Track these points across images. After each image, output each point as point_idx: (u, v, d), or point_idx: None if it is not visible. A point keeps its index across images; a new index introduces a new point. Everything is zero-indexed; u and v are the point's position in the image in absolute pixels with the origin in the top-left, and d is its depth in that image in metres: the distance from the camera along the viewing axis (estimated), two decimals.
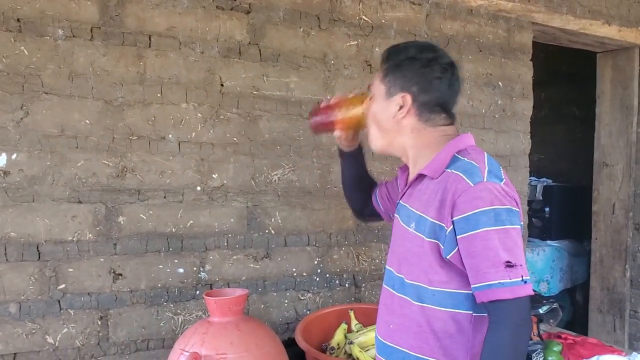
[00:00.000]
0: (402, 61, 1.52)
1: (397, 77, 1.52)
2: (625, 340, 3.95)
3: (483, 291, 1.31)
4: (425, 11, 2.87)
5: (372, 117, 1.59)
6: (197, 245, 2.35)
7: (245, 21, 2.42)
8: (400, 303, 1.50)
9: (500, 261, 1.29)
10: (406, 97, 1.50)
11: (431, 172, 1.46)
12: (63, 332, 2.14)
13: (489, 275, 1.30)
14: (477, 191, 1.33)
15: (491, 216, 1.31)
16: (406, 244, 1.49)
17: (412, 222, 1.47)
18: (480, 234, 1.31)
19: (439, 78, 1.50)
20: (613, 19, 3.44)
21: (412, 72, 1.50)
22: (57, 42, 2.10)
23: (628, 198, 3.91)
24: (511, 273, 1.29)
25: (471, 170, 1.37)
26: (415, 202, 1.49)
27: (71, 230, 2.15)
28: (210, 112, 2.36)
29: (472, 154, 1.45)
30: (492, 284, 1.29)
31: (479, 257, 1.31)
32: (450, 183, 1.38)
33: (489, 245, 1.30)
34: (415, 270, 1.45)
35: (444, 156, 1.46)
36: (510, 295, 1.28)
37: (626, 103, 3.90)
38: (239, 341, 1.82)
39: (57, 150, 2.11)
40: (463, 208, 1.34)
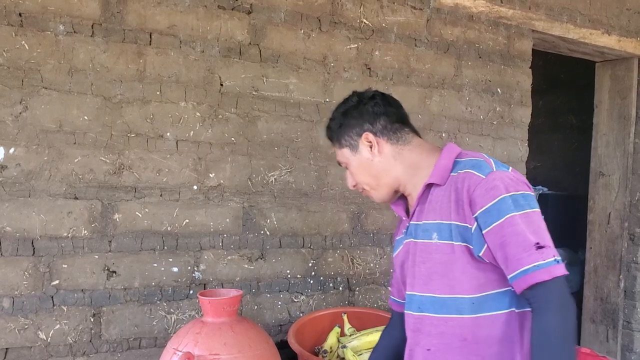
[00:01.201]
0: (340, 121, 1.60)
1: (347, 133, 1.58)
2: (618, 350, 3.95)
3: (521, 278, 1.29)
4: (426, 16, 2.88)
5: (359, 178, 1.61)
6: (192, 245, 2.35)
7: (246, 21, 2.42)
8: (434, 322, 1.46)
9: (531, 244, 1.28)
10: (367, 135, 1.55)
11: (438, 179, 1.46)
12: (55, 329, 2.13)
13: (523, 260, 1.28)
14: (490, 181, 1.35)
15: (510, 203, 1.31)
16: (433, 256, 1.45)
17: (434, 233, 1.45)
18: (505, 221, 1.31)
19: (374, 105, 1.57)
20: (613, 29, 3.45)
21: (353, 120, 1.57)
22: (58, 37, 2.10)
23: (624, 208, 3.92)
24: (543, 254, 1.27)
25: (479, 165, 1.40)
26: (430, 214, 1.47)
27: (66, 226, 2.14)
28: (209, 112, 2.36)
29: (470, 154, 1.48)
30: (528, 269, 1.27)
31: (509, 245, 1.30)
32: (460, 182, 1.40)
33: (516, 231, 1.30)
34: (449, 281, 1.42)
35: (445, 162, 1.48)
36: (548, 276, 1.26)
37: (624, 113, 3.91)
38: (232, 342, 1.82)
39: (55, 146, 2.11)
40: (481, 202, 1.34)
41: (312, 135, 2.59)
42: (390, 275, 2.73)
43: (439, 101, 2.94)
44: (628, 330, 3.95)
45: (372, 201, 2.69)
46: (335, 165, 2.64)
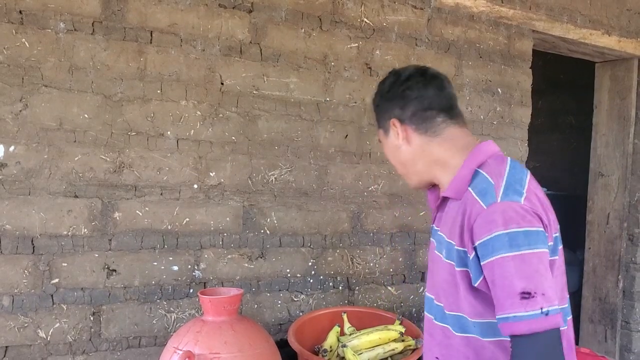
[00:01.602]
0: (378, 101, 1.56)
1: (382, 114, 1.54)
2: (617, 350, 3.96)
3: (502, 324, 1.21)
4: (426, 15, 2.88)
5: (391, 160, 1.58)
6: (192, 243, 2.34)
7: (247, 20, 2.42)
8: (444, 332, 1.42)
9: (515, 292, 1.17)
10: (394, 121, 1.48)
11: (454, 193, 1.39)
12: (55, 327, 2.13)
13: (505, 307, 1.19)
14: (490, 214, 1.24)
15: (505, 241, 1.20)
16: (441, 272, 1.41)
17: (443, 250, 1.40)
18: (496, 261, 1.21)
19: (407, 88, 1.47)
20: (613, 29, 3.46)
21: (385, 102, 1.52)
22: (59, 35, 2.10)
23: (623, 208, 3.92)
24: (527, 305, 1.16)
25: (485, 190, 1.29)
26: (444, 227, 1.42)
27: (66, 224, 2.14)
28: (209, 110, 2.35)
29: (492, 165, 1.36)
30: (509, 317, 1.18)
31: (497, 287, 1.21)
32: (467, 205, 1.31)
33: (504, 274, 1.20)
34: (454, 301, 1.37)
35: (465, 173, 1.38)
36: (526, 330, 1.16)
37: (623, 114, 3.91)
38: (232, 341, 1.82)
39: (55, 144, 2.11)
40: (479, 233, 1.25)
41: (312, 134, 2.59)
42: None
43: None
44: (626, 330, 3.96)
45: (372, 201, 2.72)
46: (335, 165, 2.65)
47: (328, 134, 2.64)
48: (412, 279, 2.91)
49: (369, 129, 2.74)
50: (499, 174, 1.32)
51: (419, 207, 2.91)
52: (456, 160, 1.42)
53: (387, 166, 2.80)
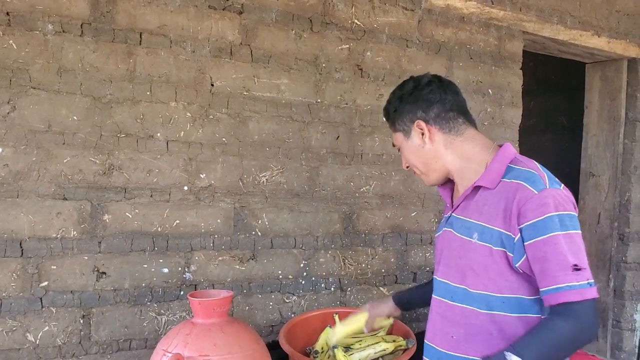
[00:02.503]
0: (396, 106, 1.64)
1: (402, 118, 1.62)
2: (608, 349, 3.97)
3: (552, 294, 1.36)
4: (417, 17, 2.88)
5: (411, 162, 1.67)
6: (183, 246, 2.33)
7: (237, 21, 2.41)
8: (464, 313, 1.53)
9: (568, 265, 1.34)
10: (419, 122, 1.58)
11: (489, 182, 1.50)
12: (44, 330, 2.11)
13: (558, 278, 1.34)
14: (542, 198, 1.38)
15: (556, 222, 1.36)
16: (470, 254, 1.51)
17: (475, 233, 1.50)
18: (549, 239, 1.36)
19: (429, 92, 1.59)
20: (603, 30, 3.47)
21: (408, 105, 1.61)
22: (47, 37, 2.08)
23: (613, 208, 3.94)
24: (578, 276, 1.33)
25: (533, 179, 1.42)
26: (474, 214, 1.52)
27: (55, 227, 2.12)
28: (199, 112, 2.34)
29: (525, 162, 1.51)
30: (561, 287, 1.34)
31: (548, 262, 1.36)
32: (512, 192, 1.43)
33: (557, 250, 1.35)
34: (483, 280, 1.48)
35: (498, 166, 1.51)
36: (579, 298, 1.33)
37: (614, 114, 3.93)
38: (222, 343, 1.80)
39: (44, 146, 2.09)
40: (530, 215, 1.38)
41: (303, 135, 2.59)
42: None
43: None
44: (617, 329, 3.98)
45: (364, 202, 2.72)
46: (327, 166, 2.64)
47: (319, 135, 2.63)
48: (404, 280, 2.90)
49: (360, 130, 2.74)
50: (537, 167, 1.47)
51: (411, 207, 2.92)
52: (482, 156, 1.56)
53: (379, 167, 2.80)
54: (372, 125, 2.77)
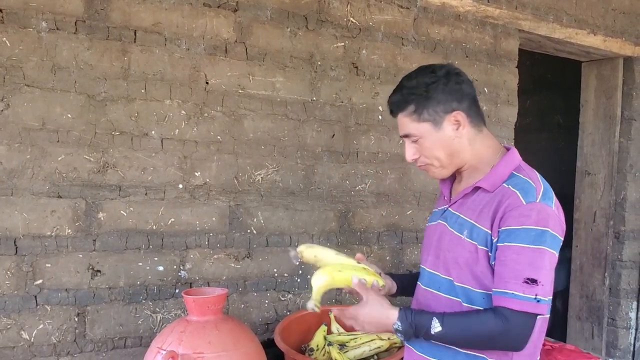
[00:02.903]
0: (426, 93, 1.51)
1: (434, 105, 1.51)
2: (603, 347, 3.98)
3: (498, 296, 1.41)
4: (413, 15, 2.88)
5: (431, 153, 1.57)
6: (178, 244, 2.33)
7: (232, 19, 2.41)
8: (449, 304, 1.55)
9: (522, 275, 1.37)
10: (458, 113, 1.52)
11: (490, 186, 1.51)
12: (39, 328, 2.11)
13: (508, 284, 1.39)
14: (527, 210, 1.40)
15: (532, 235, 1.39)
16: (457, 249, 1.53)
17: (465, 230, 1.52)
18: (515, 247, 1.39)
19: (462, 82, 1.54)
20: (599, 29, 3.47)
21: (442, 93, 1.51)
22: (41, 34, 2.08)
23: (609, 207, 3.94)
24: (527, 289, 1.37)
25: (527, 189, 1.44)
26: (468, 212, 1.54)
27: (50, 225, 2.12)
28: (194, 110, 2.34)
29: (527, 171, 1.52)
30: (507, 292, 1.39)
31: (505, 267, 1.40)
32: (505, 197, 1.45)
33: (518, 259, 1.38)
34: (465, 274, 1.51)
35: (503, 171, 1.52)
36: (517, 307, 1.37)
37: (609, 112, 3.94)
38: (217, 340, 1.81)
39: (38, 144, 2.09)
40: (509, 222, 1.41)
41: (299, 133, 2.59)
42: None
43: None
44: (613, 327, 3.98)
45: (359, 200, 2.72)
46: (322, 164, 2.64)
47: (315, 134, 2.63)
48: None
49: (356, 128, 2.74)
50: (537, 179, 1.49)
51: (406, 206, 2.92)
52: (490, 157, 1.57)
53: (374, 165, 2.80)
54: (367, 124, 2.77)
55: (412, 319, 1.44)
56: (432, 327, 1.41)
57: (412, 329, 1.44)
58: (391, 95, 1.60)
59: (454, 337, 1.44)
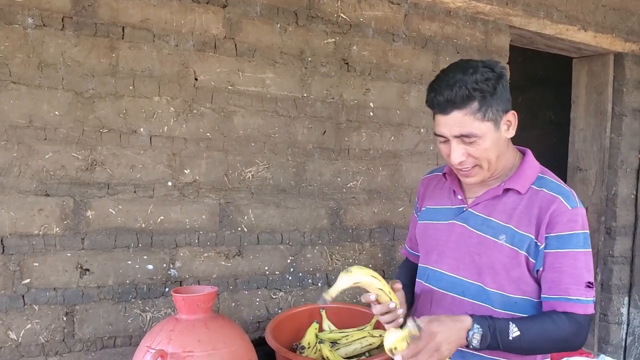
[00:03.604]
0: (493, 87, 1.44)
1: (496, 105, 1.45)
2: (595, 343, 3.99)
3: (560, 302, 1.45)
4: (403, 11, 2.87)
5: (487, 155, 1.48)
6: (167, 242, 2.31)
7: (221, 15, 2.39)
8: (475, 309, 1.54)
9: (583, 280, 1.44)
10: (513, 113, 1.52)
11: (521, 187, 1.53)
12: (27, 328, 2.09)
13: (570, 290, 1.44)
14: (574, 215, 1.45)
15: (581, 239, 1.45)
16: (493, 254, 1.52)
17: (502, 235, 1.51)
18: (570, 253, 1.45)
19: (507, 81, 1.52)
20: (589, 25, 3.47)
21: (501, 92, 1.47)
22: (27, 30, 2.05)
23: (600, 202, 3.95)
24: (588, 292, 1.44)
25: (567, 195, 1.48)
26: (503, 216, 1.53)
27: (37, 223, 2.10)
28: (183, 107, 2.32)
29: (549, 173, 1.58)
30: (571, 299, 1.44)
31: (564, 273, 1.45)
32: (547, 203, 1.47)
33: (576, 265, 1.44)
34: (501, 280, 1.52)
35: (529, 173, 1.55)
36: (583, 312, 1.44)
37: (600, 108, 3.94)
38: (206, 339, 1.79)
39: (25, 142, 2.06)
40: (558, 228, 1.45)
41: (289, 130, 2.57)
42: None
43: (417, 97, 2.93)
44: (604, 323, 3.99)
45: (351, 197, 2.71)
46: (313, 161, 2.63)
47: (306, 130, 2.62)
48: (391, 275, 2.90)
49: (347, 125, 2.72)
50: (564, 183, 1.54)
51: (398, 202, 2.91)
52: (511, 158, 1.59)
53: (366, 162, 2.79)
54: (358, 120, 2.76)
55: (490, 322, 1.40)
56: (511, 331, 1.40)
57: (491, 332, 1.38)
58: (445, 91, 1.43)
59: (530, 341, 1.43)
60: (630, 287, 4.03)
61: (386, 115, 2.83)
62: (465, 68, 1.45)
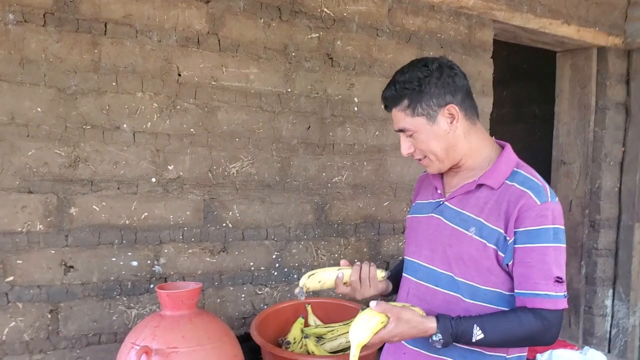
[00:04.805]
0: (420, 87, 1.51)
1: (427, 100, 1.52)
2: (580, 335, 4.03)
3: (529, 298, 1.44)
4: (387, 5, 2.87)
5: (426, 147, 1.57)
6: (152, 238, 2.31)
7: (204, 10, 2.38)
8: (447, 299, 1.56)
9: (552, 275, 1.43)
10: (451, 107, 1.52)
11: (494, 183, 1.53)
12: (10, 326, 2.08)
13: (539, 285, 1.43)
14: (543, 210, 1.44)
15: (551, 234, 1.44)
16: (462, 246, 1.54)
17: (472, 227, 1.53)
18: (538, 248, 1.44)
19: (455, 76, 1.54)
20: (572, 19, 3.50)
21: (435, 88, 1.51)
22: (8, 26, 2.04)
23: (584, 196, 3.98)
24: (557, 288, 1.43)
25: (537, 189, 1.47)
26: (474, 209, 1.54)
27: (21, 220, 2.09)
28: (166, 102, 2.31)
29: (527, 168, 1.55)
30: (539, 294, 1.43)
31: (532, 268, 1.44)
32: (515, 198, 1.47)
33: (544, 260, 1.43)
34: (470, 271, 1.53)
35: (504, 168, 1.54)
36: (552, 307, 1.42)
37: (584, 102, 3.97)
38: (191, 335, 1.79)
39: (7, 139, 2.05)
40: (527, 222, 1.44)
41: (274, 125, 2.57)
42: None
43: None
44: (589, 315, 4.03)
45: (336, 192, 2.72)
46: (298, 156, 2.63)
47: (290, 126, 2.62)
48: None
49: (332, 120, 2.73)
50: (539, 177, 1.52)
51: (383, 197, 2.92)
52: (487, 152, 1.59)
53: (351, 157, 2.79)
54: (343, 115, 2.76)
55: (454, 329, 1.42)
56: (474, 335, 1.42)
57: (453, 338, 1.43)
58: (384, 90, 1.59)
59: (494, 341, 1.45)
60: (614, 279, 4.07)
61: (371, 110, 2.84)
62: (404, 68, 1.57)
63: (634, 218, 3.98)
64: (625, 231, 4.02)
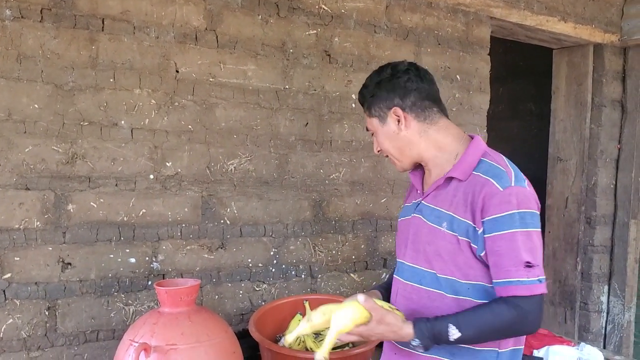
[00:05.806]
0: (373, 91, 1.64)
1: (378, 103, 1.63)
2: (575, 331, 4.05)
3: (503, 287, 1.44)
4: (385, 2, 2.87)
5: (385, 147, 1.68)
6: (150, 235, 2.31)
7: (202, 6, 2.37)
8: (431, 296, 1.57)
9: (521, 261, 1.41)
10: (396, 109, 1.60)
11: (461, 174, 1.54)
12: (8, 323, 2.07)
13: (510, 273, 1.42)
14: (506, 195, 1.44)
15: (517, 219, 1.43)
16: (438, 242, 1.55)
17: (444, 222, 1.54)
18: (506, 234, 1.43)
19: (407, 80, 1.60)
20: (569, 16, 3.50)
21: (385, 91, 1.61)
22: (5, 22, 2.03)
23: (580, 192, 4.00)
24: (529, 273, 1.41)
25: (500, 175, 1.48)
26: (445, 203, 1.56)
27: (18, 217, 2.08)
28: (164, 99, 2.31)
29: (493, 156, 1.56)
30: (512, 281, 1.42)
31: (502, 256, 1.43)
32: (479, 186, 1.48)
33: (513, 246, 1.42)
34: (450, 266, 1.54)
35: (471, 159, 1.55)
36: (527, 293, 1.41)
37: (580, 99, 3.98)
38: (189, 332, 1.79)
39: (4, 135, 2.04)
40: (492, 210, 1.44)
41: (272, 122, 2.57)
42: None
43: None
44: (585, 311, 4.05)
45: (334, 189, 2.72)
46: (296, 153, 2.63)
47: (288, 122, 2.62)
48: (374, 266, 2.92)
49: (330, 117, 2.73)
50: (505, 163, 1.53)
51: (380, 194, 2.92)
52: (454, 146, 1.61)
53: (348, 154, 2.79)
54: (341, 112, 2.76)
55: (429, 332, 1.43)
56: (450, 334, 1.42)
57: (431, 340, 1.44)
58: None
59: (473, 337, 1.45)
60: (610, 275, 4.09)
61: None
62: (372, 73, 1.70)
63: (629, 214, 3.99)
64: (620, 228, 4.04)
